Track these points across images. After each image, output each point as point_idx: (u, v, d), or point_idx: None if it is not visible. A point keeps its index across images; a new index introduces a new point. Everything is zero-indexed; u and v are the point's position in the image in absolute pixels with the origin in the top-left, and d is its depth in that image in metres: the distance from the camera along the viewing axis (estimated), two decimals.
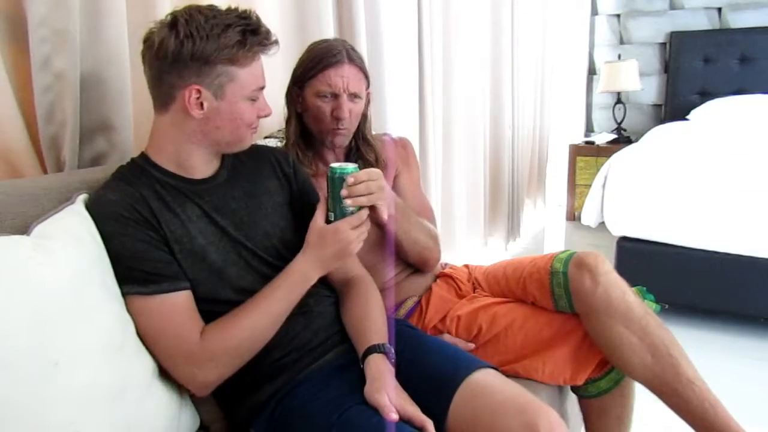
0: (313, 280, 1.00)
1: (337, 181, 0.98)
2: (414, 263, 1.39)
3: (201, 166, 1.02)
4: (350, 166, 1.00)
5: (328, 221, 1.00)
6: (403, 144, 1.49)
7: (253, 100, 0.98)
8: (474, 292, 1.42)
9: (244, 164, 1.09)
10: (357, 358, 1.02)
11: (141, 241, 0.92)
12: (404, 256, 1.35)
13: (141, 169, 0.99)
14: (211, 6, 0.94)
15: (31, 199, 0.94)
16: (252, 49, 0.94)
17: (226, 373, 0.96)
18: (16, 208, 0.91)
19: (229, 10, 0.94)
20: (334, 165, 1.00)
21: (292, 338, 1.02)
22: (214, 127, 0.97)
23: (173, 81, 0.93)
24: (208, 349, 0.92)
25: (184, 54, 0.90)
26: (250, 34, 0.93)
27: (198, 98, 0.93)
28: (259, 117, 1.01)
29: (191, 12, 0.92)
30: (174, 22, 0.91)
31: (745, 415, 1.80)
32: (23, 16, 1.03)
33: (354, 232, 0.98)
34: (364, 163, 1.34)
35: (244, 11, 0.95)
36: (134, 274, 0.91)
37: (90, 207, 0.93)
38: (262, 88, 1.00)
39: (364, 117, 1.35)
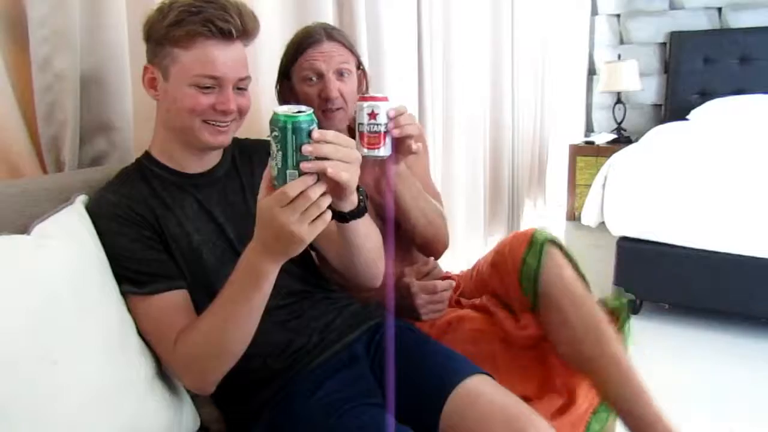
0: (268, 274, 0.80)
1: (289, 133, 0.72)
2: (422, 243, 1.30)
3: (188, 160, 1.01)
4: (304, 112, 0.73)
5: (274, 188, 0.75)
6: None
7: (202, 87, 0.92)
8: (461, 299, 1.39)
9: (245, 159, 1.10)
10: (352, 357, 1.03)
11: (136, 240, 0.92)
12: (412, 231, 1.26)
13: (141, 168, 1.00)
14: None
15: (31, 199, 0.94)
16: (185, 28, 0.89)
17: (206, 379, 0.91)
18: (16, 208, 0.92)
19: None
20: (279, 111, 0.73)
21: (287, 343, 1.01)
22: (165, 110, 0.97)
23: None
24: (179, 354, 0.90)
25: (145, 34, 0.95)
26: (190, 15, 0.89)
27: (152, 77, 0.95)
28: (217, 110, 0.93)
29: None
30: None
31: (746, 415, 1.80)
32: (23, 16, 1.03)
33: (286, 211, 0.72)
34: None
35: None
36: (129, 274, 0.91)
37: (89, 207, 0.94)
38: (215, 77, 0.92)
39: None
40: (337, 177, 0.73)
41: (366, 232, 0.98)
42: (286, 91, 1.27)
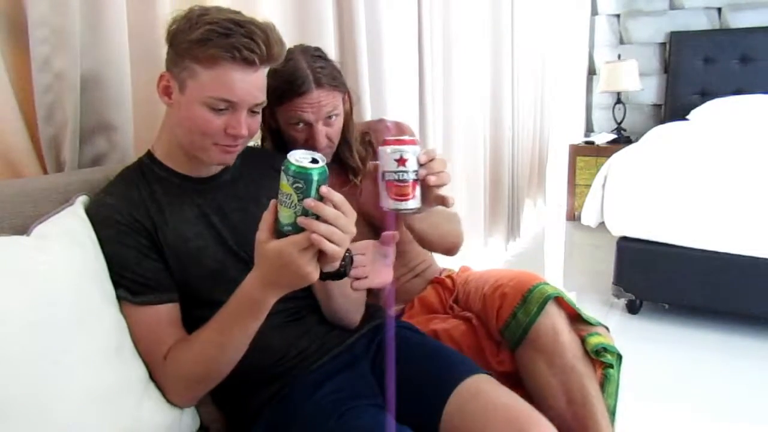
0: (269, 305, 0.84)
1: (301, 181, 0.73)
2: (441, 253, 1.32)
3: (192, 165, 1.00)
4: (317, 164, 0.74)
5: (279, 231, 0.76)
6: (401, 129, 1.40)
7: (216, 109, 0.90)
8: (455, 304, 1.38)
9: (251, 167, 1.09)
10: (352, 357, 1.03)
11: (132, 248, 0.92)
12: (432, 249, 1.28)
13: (143, 169, 1.00)
14: (236, 11, 0.91)
15: (31, 199, 0.94)
16: (210, 50, 0.86)
17: (192, 397, 0.95)
18: (16, 208, 0.91)
19: (234, 15, 0.89)
20: (292, 159, 0.74)
21: (288, 346, 1.01)
22: (176, 121, 0.95)
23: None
24: (168, 371, 0.91)
25: (168, 38, 0.92)
26: (217, 36, 0.86)
27: (167, 85, 0.93)
28: (228, 134, 0.92)
29: (209, 8, 0.91)
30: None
31: (745, 415, 1.80)
32: (23, 16, 1.03)
33: (305, 255, 0.76)
34: (348, 169, 1.29)
35: (246, 20, 0.89)
36: (123, 281, 0.91)
37: (88, 210, 0.94)
38: (230, 101, 0.89)
39: (347, 122, 1.25)
40: (321, 247, 0.75)
41: (342, 292, 1.00)
42: (268, 117, 1.21)
